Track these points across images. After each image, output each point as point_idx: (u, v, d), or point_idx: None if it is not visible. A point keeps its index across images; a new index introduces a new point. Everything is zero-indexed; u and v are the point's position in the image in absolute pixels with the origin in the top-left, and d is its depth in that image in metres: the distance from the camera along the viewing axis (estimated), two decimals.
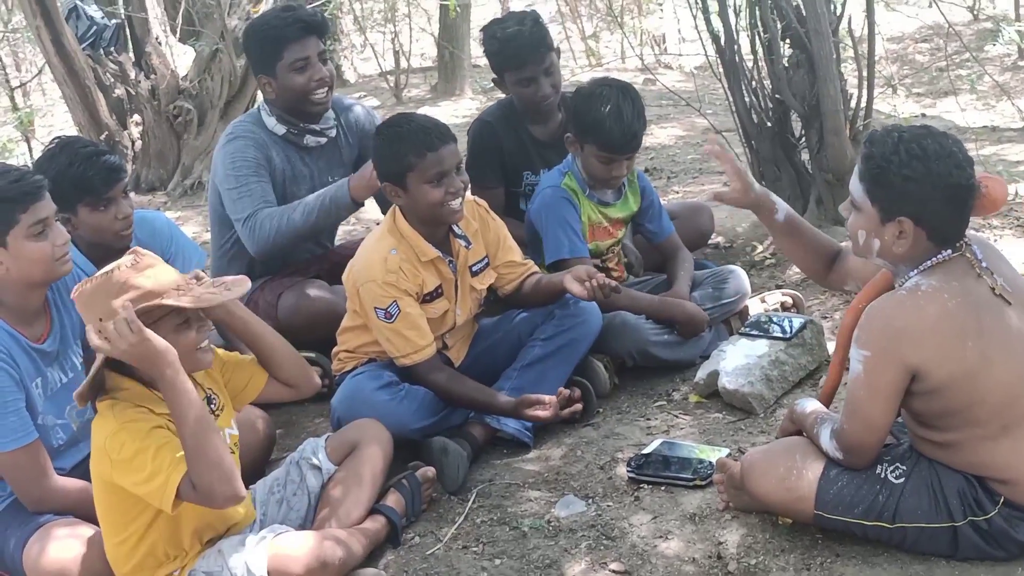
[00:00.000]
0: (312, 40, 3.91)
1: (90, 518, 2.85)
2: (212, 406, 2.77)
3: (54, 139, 3.53)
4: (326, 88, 3.94)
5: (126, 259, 2.64)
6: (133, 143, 7.51)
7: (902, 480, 2.52)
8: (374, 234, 3.51)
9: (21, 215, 2.84)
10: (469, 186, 3.44)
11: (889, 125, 2.59)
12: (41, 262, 2.88)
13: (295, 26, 3.88)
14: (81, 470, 3.07)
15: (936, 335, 2.40)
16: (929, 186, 2.41)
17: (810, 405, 2.75)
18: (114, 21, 7.42)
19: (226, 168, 3.93)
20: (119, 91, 7.39)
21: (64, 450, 3.04)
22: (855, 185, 2.53)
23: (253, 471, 3.12)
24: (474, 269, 3.53)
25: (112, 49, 7.40)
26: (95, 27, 7.39)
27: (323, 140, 4.05)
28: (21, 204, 2.85)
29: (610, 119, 3.65)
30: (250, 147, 3.92)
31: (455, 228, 3.45)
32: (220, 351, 2.92)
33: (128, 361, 2.54)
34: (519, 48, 4.06)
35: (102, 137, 7.35)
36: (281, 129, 3.98)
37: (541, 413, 3.33)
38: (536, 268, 3.68)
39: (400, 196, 3.36)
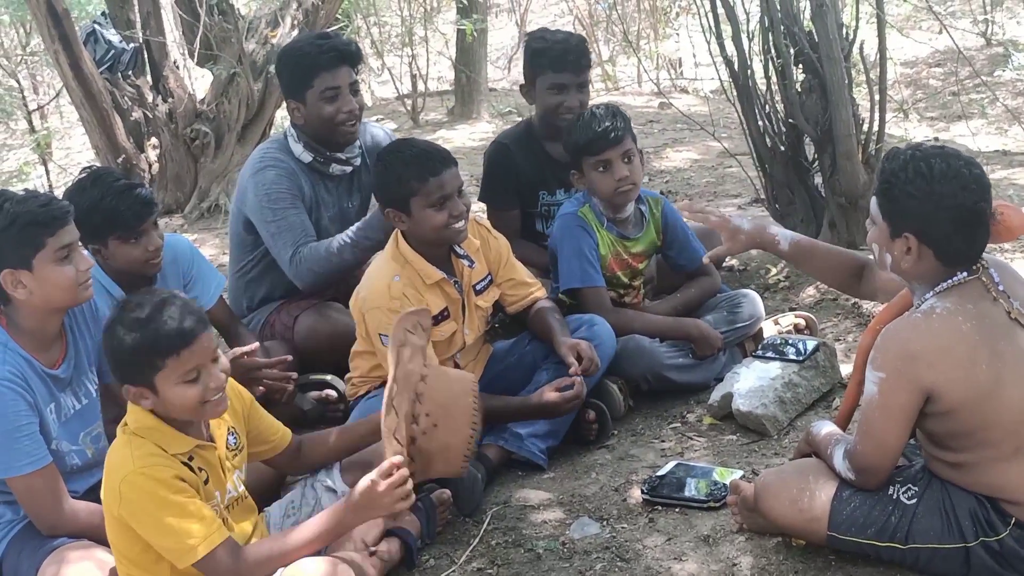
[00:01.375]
0: (344, 70, 3.90)
1: (104, 541, 2.85)
2: (232, 441, 2.78)
3: (84, 169, 3.56)
4: (355, 120, 3.94)
5: None
6: (150, 166, 7.56)
7: (914, 501, 2.53)
8: (378, 260, 3.54)
9: (48, 239, 2.85)
10: (471, 208, 3.47)
11: (912, 143, 2.62)
12: (64, 287, 2.89)
13: (329, 55, 3.87)
14: (95, 493, 3.07)
15: (950, 357, 2.42)
16: (932, 206, 2.44)
17: (825, 428, 2.77)
18: (132, 45, 7.48)
19: (260, 200, 3.90)
20: (136, 114, 7.44)
21: (78, 474, 3.04)
22: (873, 199, 2.58)
23: (268, 493, 3.13)
24: (478, 288, 3.56)
25: (130, 73, 7.45)
26: (113, 51, 7.45)
27: (348, 169, 4.07)
28: (49, 228, 2.85)
29: (589, 122, 3.74)
30: (283, 177, 3.91)
31: (457, 248, 3.48)
32: (253, 401, 2.92)
33: (363, 499, 2.62)
34: (564, 51, 4.14)
35: (119, 160, 7.40)
36: (308, 157, 3.99)
37: (569, 394, 3.33)
38: (542, 293, 3.69)
39: (404, 221, 3.40)
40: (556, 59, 4.13)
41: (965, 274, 2.50)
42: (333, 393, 3.94)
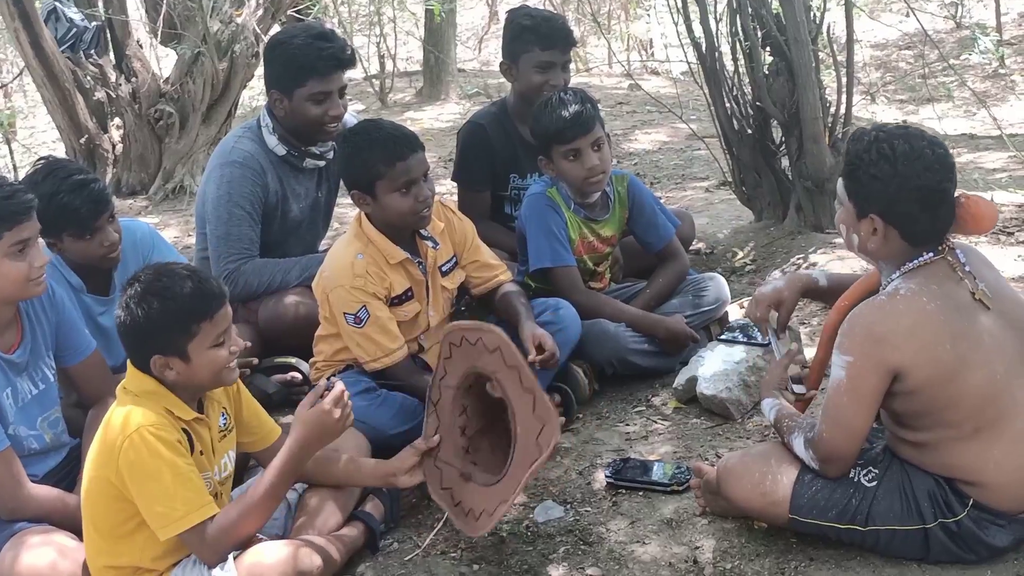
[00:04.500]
0: (338, 75, 3.86)
1: (64, 526, 2.85)
2: (223, 422, 2.79)
3: (39, 159, 3.50)
4: (339, 123, 3.91)
5: None
6: (114, 146, 7.47)
7: (874, 484, 2.55)
8: (341, 240, 3.52)
9: (5, 232, 2.81)
10: (435, 192, 3.45)
11: (876, 124, 2.62)
12: (15, 281, 2.85)
13: (328, 62, 3.81)
14: (54, 477, 3.07)
15: (915, 337, 2.43)
16: (895, 186, 2.46)
17: (773, 409, 2.76)
18: (94, 23, 7.38)
19: (220, 196, 3.88)
20: (99, 94, 7.35)
21: (37, 458, 3.02)
22: (839, 180, 2.60)
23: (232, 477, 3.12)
24: (443, 269, 3.55)
25: (92, 52, 7.35)
26: (75, 29, 7.35)
27: (321, 163, 4.05)
28: (7, 223, 2.81)
29: (556, 108, 3.68)
30: (247, 180, 3.88)
31: (421, 230, 3.47)
32: (247, 393, 2.93)
33: (316, 429, 2.70)
34: (552, 30, 4.13)
35: (82, 140, 7.31)
36: (282, 150, 3.95)
37: None
38: (508, 276, 3.68)
39: (368, 204, 3.38)
40: (544, 37, 4.12)
41: (931, 254, 2.52)
42: (298, 376, 3.92)
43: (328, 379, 2.95)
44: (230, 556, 2.63)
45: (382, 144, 3.33)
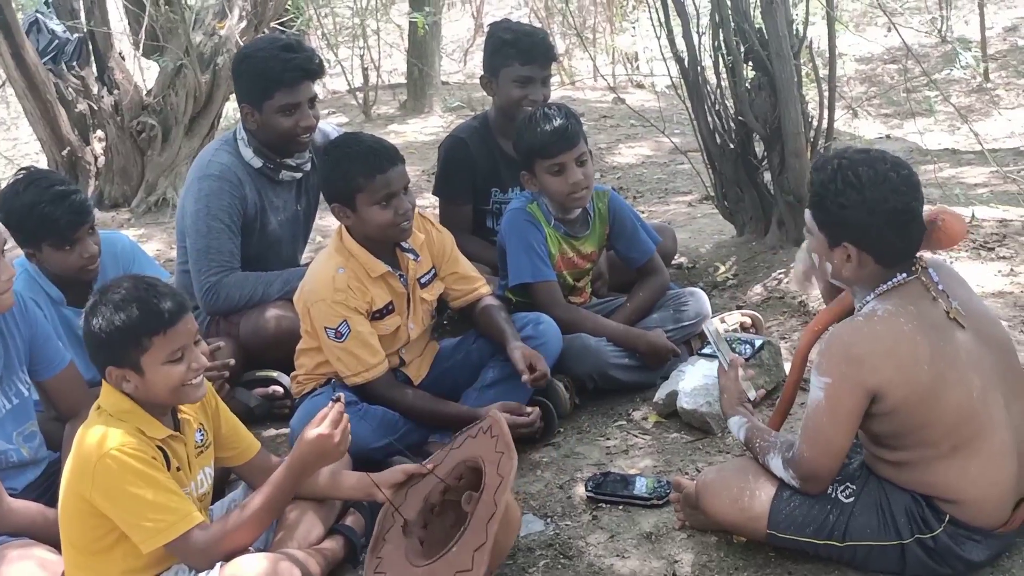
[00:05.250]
0: (306, 85, 3.86)
1: (44, 539, 2.83)
2: (200, 438, 2.78)
3: (20, 170, 3.49)
4: (310, 133, 3.91)
5: None
6: (96, 159, 7.43)
7: (852, 499, 2.56)
8: (322, 253, 3.52)
9: None
10: (416, 205, 3.45)
11: (837, 149, 2.63)
12: None
13: (294, 72, 3.81)
14: (34, 491, 3.06)
15: (893, 358, 2.44)
16: (865, 213, 2.46)
17: (742, 428, 2.75)
18: (76, 35, 7.35)
19: (199, 210, 3.88)
20: (81, 106, 7.30)
21: (15, 471, 3.01)
22: (807, 211, 2.60)
23: (212, 491, 3.10)
24: (422, 281, 3.55)
25: (74, 64, 7.32)
26: (57, 41, 7.31)
27: (298, 175, 4.04)
28: None
29: (540, 123, 3.68)
30: (225, 193, 3.88)
31: (402, 243, 3.46)
32: (225, 409, 2.92)
33: (316, 448, 2.70)
34: (533, 44, 4.14)
35: (64, 153, 7.27)
36: (258, 163, 3.95)
37: (519, 419, 3.34)
38: (487, 289, 3.67)
39: (349, 217, 3.38)
40: (525, 51, 4.12)
41: (904, 275, 2.52)
42: (279, 389, 3.93)
43: (335, 394, 2.96)
44: (217, 564, 2.62)
45: (362, 157, 3.33)
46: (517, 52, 4.13)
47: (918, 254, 2.58)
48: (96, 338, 2.60)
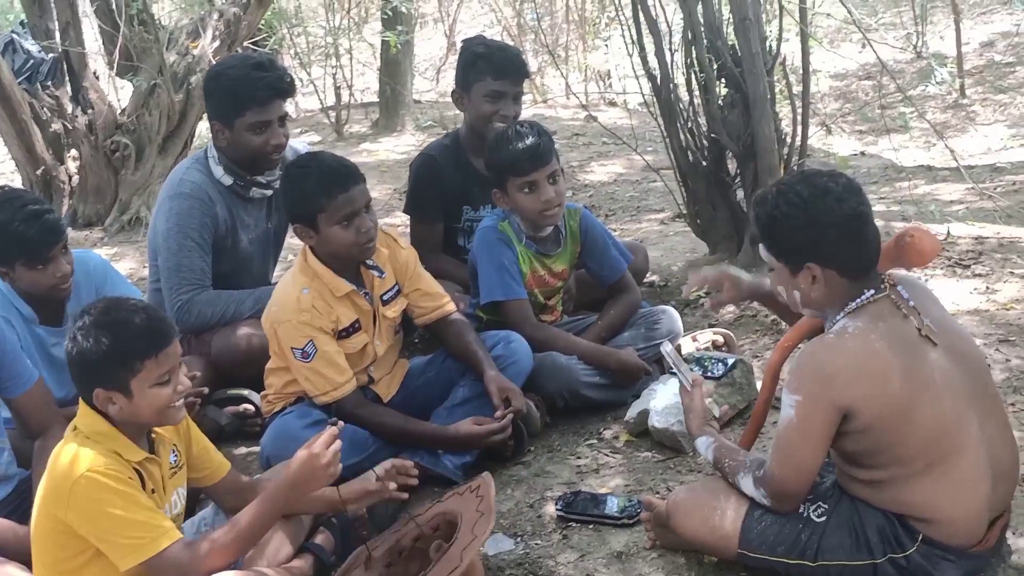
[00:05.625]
0: (277, 104, 3.86)
1: (15, 557, 2.81)
2: (173, 459, 2.77)
3: None
4: (280, 151, 3.91)
5: None
6: (70, 178, 7.41)
7: (824, 518, 2.54)
8: (287, 274, 3.51)
9: None
10: (377, 224, 3.44)
11: (772, 183, 2.64)
12: None
13: (265, 91, 3.81)
14: (5, 508, 3.04)
15: (865, 376, 2.43)
16: (817, 229, 2.46)
17: (710, 448, 2.74)
18: (51, 55, 7.33)
19: (170, 228, 3.88)
20: (56, 125, 7.29)
21: None
22: (761, 247, 2.60)
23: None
24: (385, 298, 3.54)
25: (49, 83, 7.31)
26: (32, 61, 7.30)
27: (268, 192, 4.04)
28: None
29: (512, 141, 3.68)
30: (196, 211, 3.87)
31: (367, 260, 3.46)
32: (196, 430, 2.90)
33: (306, 471, 2.64)
34: (504, 60, 4.16)
35: (38, 172, 7.24)
36: (228, 180, 3.95)
37: (491, 425, 3.33)
38: (452, 307, 3.66)
39: (311, 237, 3.37)
40: (497, 65, 4.13)
41: (873, 292, 2.52)
42: (250, 407, 3.92)
43: (330, 419, 2.94)
44: None
45: (322, 177, 3.33)
46: (489, 66, 4.14)
47: (888, 272, 2.58)
48: (84, 359, 2.57)
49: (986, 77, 10.82)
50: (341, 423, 2.76)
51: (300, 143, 4.37)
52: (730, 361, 3.65)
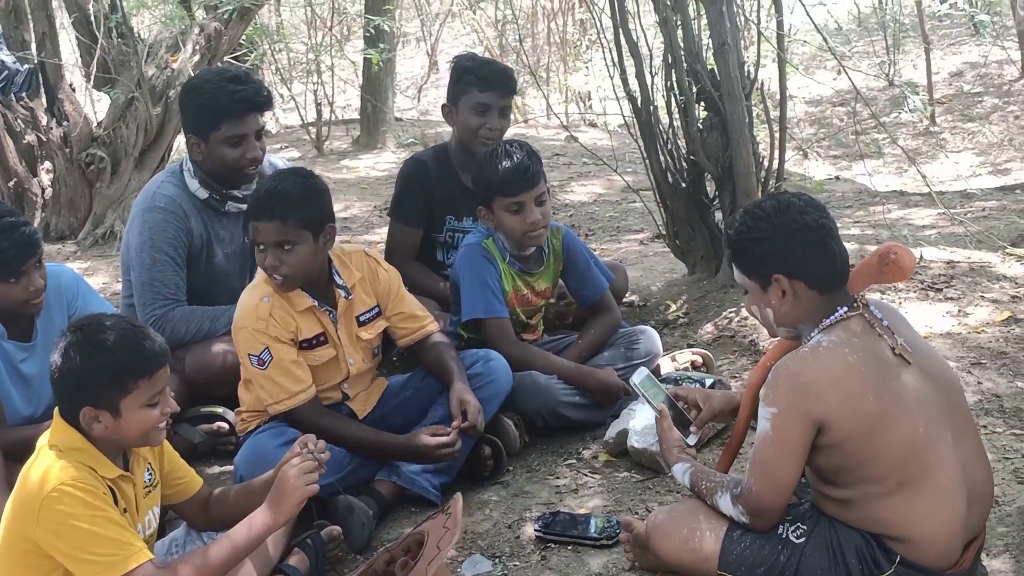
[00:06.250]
0: (253, 117, 3.83)
1: None
2: (148, 478, 2.72)
3: None
4: (257, 165, 3.89)
5: None
6: (43, 190, 7.34)
7: (803, 540, 2.54)
8: (252, 283, 3.50)
9: None
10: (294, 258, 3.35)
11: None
12: None
13: (240, 104, 3.79)
14: None
15: (838, 388, 2.45)
16: (780, 238, 2.54)
17: (687, 473, 2.74)
18: (26, 66, 7.28)
19: (143, 242, 3.84)
20: (30, 137, 7.23)
21: None
22: (735, 271, 2.67)
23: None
24: (361, 319, 3.51)
25: (23, 94, 7.25)
26: (6, 72, 7.24)
27: (244, 207, 4.00)
28: None
29: (501, 161, 3.68)
30: (170, 225, 3.83)
31: (336, 278, 3.45)
32: (169, 447, 2.85)
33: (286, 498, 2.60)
34: (492, 72, 4.21)
35: (11, 184, 7.18)
36: (204, 194, 3.91)
37: (441, 438, 3.30)
38: (435, 327, 3.64)
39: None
40: (483, 79, 4.17)
41: (845, 309, 2.55)
42: (224, 425, 3.86)
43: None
44: None
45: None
46: (476, 79, 4.18)
47: (860, 293, 2.60)
48: (74, 377, 2.52)
49: (955, 106, 10.97)
50: (324, 447, 2.71)
51: (278, 158, 4.35)
52: (708, 382, 3.66)
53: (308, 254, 3.32)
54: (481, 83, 4.16)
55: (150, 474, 2.73)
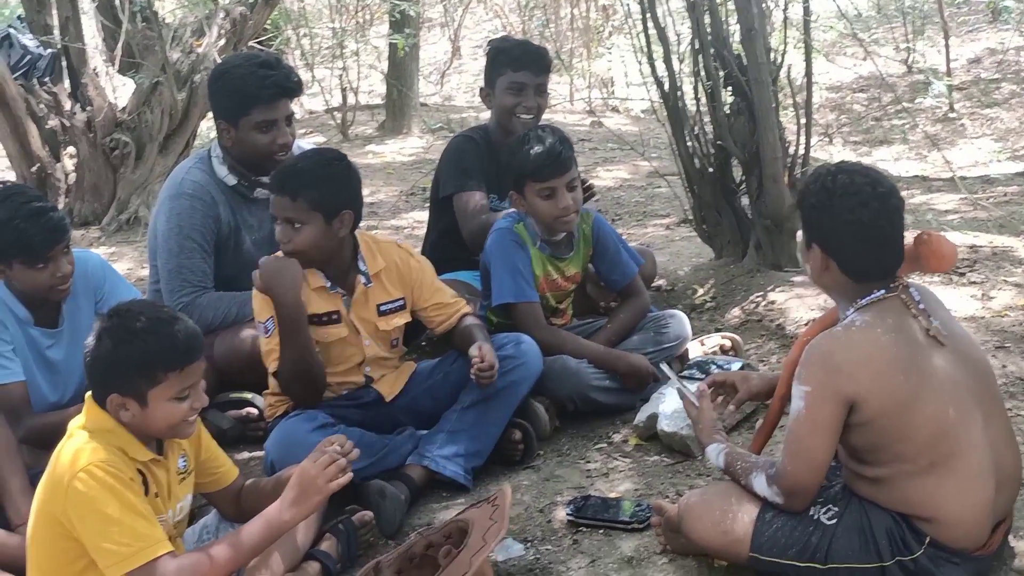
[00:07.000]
0: (283, 103, 3.84)
1: (6, 567, 2.79)
2: (182, 464, 2.73)
3: None
4: (287, 151, 3.89)
5: None
6: (66, 176, 7.35)
7: (834, 521, 2.54)
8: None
9: None
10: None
11: (842, 161, 2.68)
12: None
13: (271, 89, 3.79)
14: None
15: (870, 366, 2.45)
16: (828, 218, 2.54)
17: (721, 454, 2.74)
18: (49, 51, 7.30)
19: (171, 229, 3.85)
20: (53, 122, 7.23)
21: None
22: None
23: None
24: (382, 309, 3.51)
25: (47, 79, 7.27)
26: (29, 56, 7.26)
27: None
28: None
29: (533, 146, 3.68)
30: (197, 212, 3.84)
31: (359, 263, 3.46)
32: (207, 435, 2.87)
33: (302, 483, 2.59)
34: (525, 52, 4.26)
35: (34, 169, 7.19)
36: (232, 180, 3.92)
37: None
38: (468, 309, 3.65)
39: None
40: (517, 58, 4.21)
41: (883, 291, 2.55)
42: (253, 411, 3.87)
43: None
44: None
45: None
46: (509, 59, 4.22)
47: (900, 275, 2.59)
48: (104, 363, 2.53)
49: (973, 92, 10.91)
50: (355, 451, 2.70)
51: (306, 143, 4.35)
52: (736, 365, 3.65)
53: (318, 236, 3.33)
54: (515, 63, 4.21)
55: (185, 460, 2.74)
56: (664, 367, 3.13)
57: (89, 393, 2.60)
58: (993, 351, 3.66)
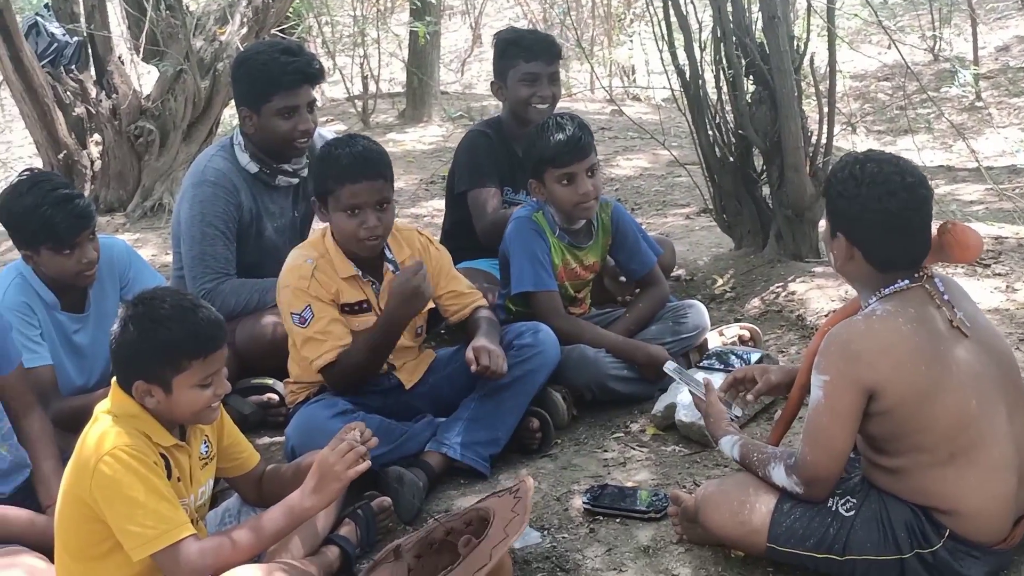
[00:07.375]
0: (305, 89, 3.85)
1: (34, 546, 2.81)
2: (204, 450, 2.76)
3: (24, 171, 3.48)
4: (308, 138, 3.90)
5: None
6: (92, 163, 7.41)
7: (852, 513, 2.54)
8: (299, 246, 3.54)
9: None
10: (388, 225, 3.42)
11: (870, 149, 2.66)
12: None
13: (293, 76, 3.81)
14: (21, 495, 3.03)
15: (890, 355, 2.44)
16: (857, 207, 2.51)
17: (736, 446, 2.74)
18: (75, 39, 7.33)
19: (194, 216, 3.88)
20: (79, 110, 7.29)
21: (2, 477, 2.98)
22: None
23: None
24: None
25: (73, 67, 7.32)
26: (56, 44, 7.30)
27: (295, 181, 4.03)
28: None
29: (553, 133, 3.68)
30: (220, 199, 3.87)
31: (387, 252, 3.47)
32: (229, 422, 2.89)
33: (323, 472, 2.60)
34: (535, 42, 4.25)
35: (60, 156, 7.25)
36: (254, 167, 3.94)
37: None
38: (483, 301, 3.66)
39: (323, 215, 3.44)
40: (527, 49, 4.20)
41: (907, 282, 2.54)
42: (274, 397, 3.90)
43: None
44: None
45: (340, 162, 3.35)
46: (520, 50, 4.21)
47: (925, 265, 2.58)
48: (129, 349, 2.56)
49: (1000, 81, 10.80)
50: (373, 439, 2.72)
51: (329, 131, 4.36)
52: (755, 356, 3.65)
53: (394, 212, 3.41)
54: (526, 53, 4.19)
55: (207, 446, 2.77)
56: (669, 367, 3.15)
57: (115, 378, 2.64)
58: (1017, 343, 3.64)
